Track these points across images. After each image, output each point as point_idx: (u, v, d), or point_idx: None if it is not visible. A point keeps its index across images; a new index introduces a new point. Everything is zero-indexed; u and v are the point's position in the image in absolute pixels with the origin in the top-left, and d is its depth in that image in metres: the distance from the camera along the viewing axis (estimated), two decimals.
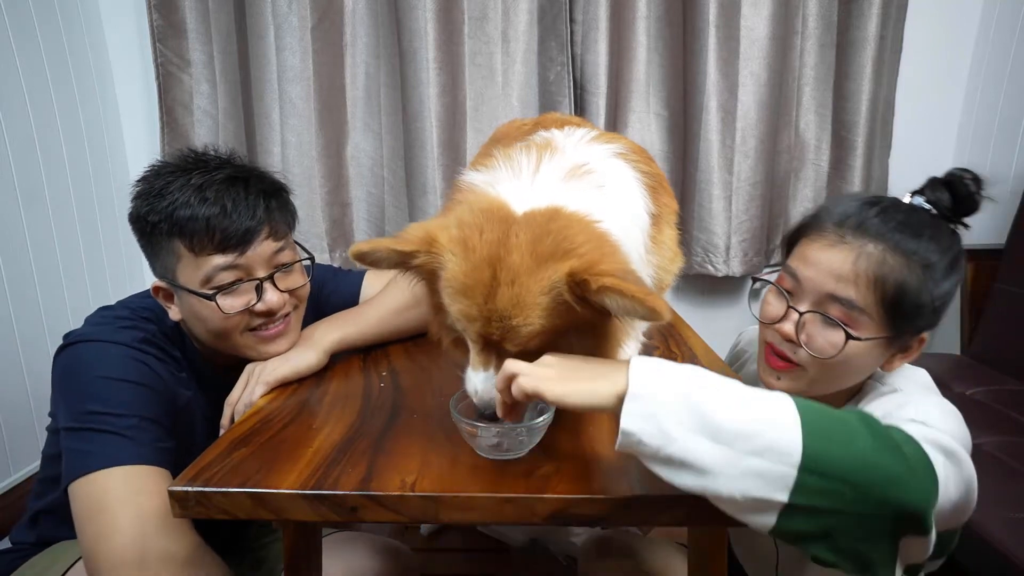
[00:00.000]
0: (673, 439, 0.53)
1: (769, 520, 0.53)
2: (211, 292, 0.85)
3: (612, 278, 0.56)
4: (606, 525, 0.87)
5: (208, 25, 1.86)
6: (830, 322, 0.76)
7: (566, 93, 1.90)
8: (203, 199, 0.84)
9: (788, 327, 0.79)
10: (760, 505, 0.52)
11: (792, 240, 0.85)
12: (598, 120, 1.89)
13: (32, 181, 1.60)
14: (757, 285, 0.87)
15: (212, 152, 0.92)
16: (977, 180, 0.77)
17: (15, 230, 1.55)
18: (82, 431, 0.79)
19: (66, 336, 0.88)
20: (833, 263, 0.76)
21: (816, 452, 0.51)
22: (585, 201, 0.65)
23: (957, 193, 0.77)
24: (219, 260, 0.85)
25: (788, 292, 0.81)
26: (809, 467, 0.51)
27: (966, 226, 0.79)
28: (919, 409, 0.70)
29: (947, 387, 1.52)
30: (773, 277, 0.86)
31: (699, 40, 1.83)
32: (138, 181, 0.88)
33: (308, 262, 0.97)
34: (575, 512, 0.60)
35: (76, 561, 0.87)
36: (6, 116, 1.52)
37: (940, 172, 0.81)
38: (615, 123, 1.94)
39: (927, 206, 0.79)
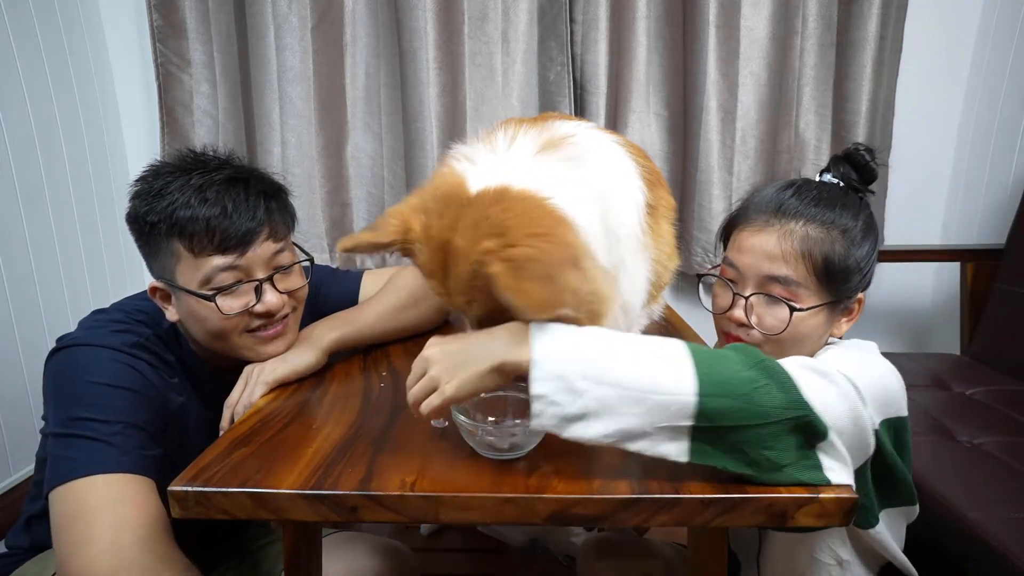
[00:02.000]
0: (581, 392, 0.58)
1: (683, 446, 0.59)
2: (210, 293, 0.85)
3: (502, 264, 0.58)
4: (606, 525, 0.87)
5: (208, 25, 1.86)
6: (774, 300, 0.83)
7: (566, 93, 1.90)
8: (203, 200, 0.83)
9: (738, 313, 0.86)
10: (671, 433, 0.59)
11: (727, 233, 0.92)
12: (598, 120, 1.89)
13: (32, 181, 1.60)
14: (710, 280, 0.95)
15: (211, 153, 0.92)
16: (870, 151, 0.89)
17: (15, 230, 1.55)
18: (67, 437, 0.78)
19: (59, 339, 0.87)
20: (764, 246, 0.83)
21: (707, 377, 0.58)
22: (546, 175, 0.65)
23: (856, 164, 0.88)
24: (219, 261, 0.84)
25: (732, 281, 0.88)
26: (706, 392, 0.58)
27: (872, 192, 0.91)
28: (835, 357, 0.76)
29: (947, 387, 1.52)
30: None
31: (699, 40, 1.83)
32: (136, 181, 0.88)
33: (307, 263, 0.97)
34: (575, 512, 0.60)
35: None
36: (6, 116, 1.52)
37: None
38: (615, 123, 1.94)
39: (835, 180, 0.89)
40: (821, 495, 0.59)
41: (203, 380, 0.96)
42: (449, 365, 0.62)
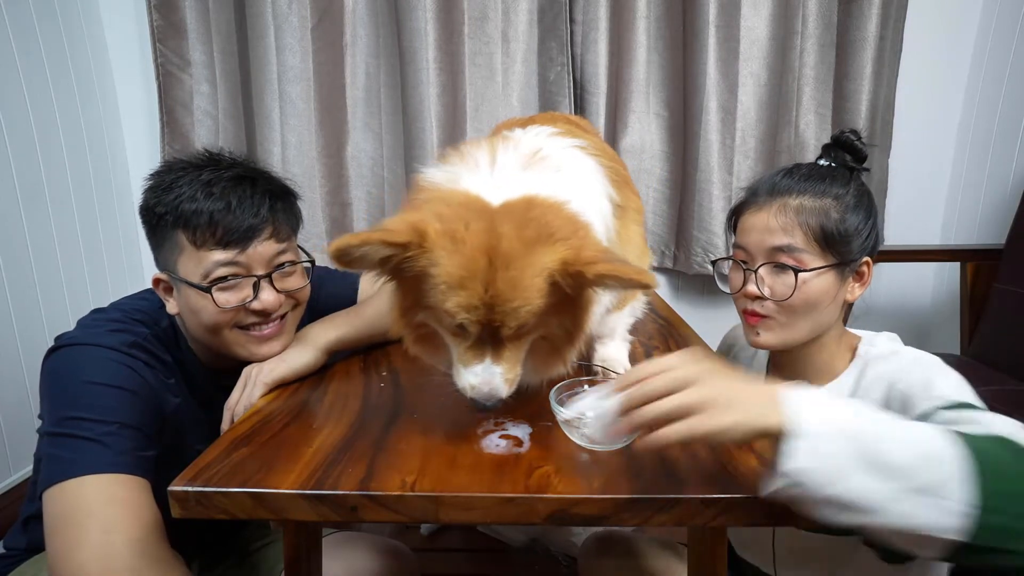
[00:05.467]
0: (835, 480, 0.52)
1: (933, 551, 0.53)
2: (208, 285, 0.85)
3: (604, 264, 0.61)
4: (606, 525, 0.87)
5: (208, 25, 1.86)
6: (781, 268, 0.89)
7: (566, 93, 1.90)
8: (209, 194, 0.84)
9: (752, 287, 0.91)
10: (926, 540, 0.52)
11: (734, 222, 0.99)
12: (598, 120, 1.89)
13: (32, 181, 1.60)
14: (721, 267, 1.04)
15: (227, 154, 0.93)
16: (855, 132, 0.96)
17: (15, 230, 1.55)
18: (61, 437, 0.77)
19: (56, 338, 0.87)
20: (764, 222, 0.90)
21: (989, 487, 0.51)
22: (549, 185, 0.68)
23: (846, 146, 0.95)
24: (219, 256, 0.85)
25: (743, 262, 0.94)
26: (986, 504, 0.50)
27: (867, 169, 0.97)
28: (945, 383, 0.75)
29: None
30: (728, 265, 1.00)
31: (699, 40, 1.83)
32: (151, 175, 0.89)
33: (309, 265, 0.97)
34: (575, 512, 0.60)
35: None
36: (6, 116, 1.52)
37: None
38: (615, 123, 1.94)
39: (828, 163, 0.96)
40: None
41: (200, 381, 0.96)
42: (720, 398, 0.55)
